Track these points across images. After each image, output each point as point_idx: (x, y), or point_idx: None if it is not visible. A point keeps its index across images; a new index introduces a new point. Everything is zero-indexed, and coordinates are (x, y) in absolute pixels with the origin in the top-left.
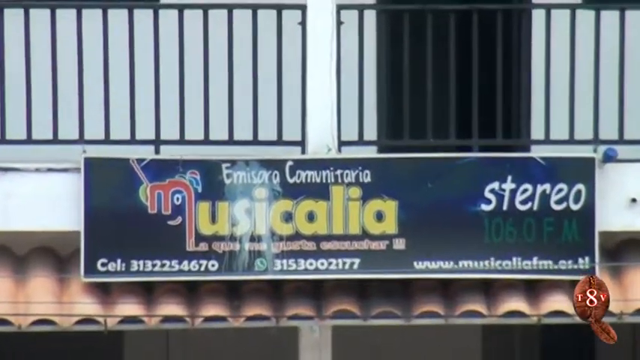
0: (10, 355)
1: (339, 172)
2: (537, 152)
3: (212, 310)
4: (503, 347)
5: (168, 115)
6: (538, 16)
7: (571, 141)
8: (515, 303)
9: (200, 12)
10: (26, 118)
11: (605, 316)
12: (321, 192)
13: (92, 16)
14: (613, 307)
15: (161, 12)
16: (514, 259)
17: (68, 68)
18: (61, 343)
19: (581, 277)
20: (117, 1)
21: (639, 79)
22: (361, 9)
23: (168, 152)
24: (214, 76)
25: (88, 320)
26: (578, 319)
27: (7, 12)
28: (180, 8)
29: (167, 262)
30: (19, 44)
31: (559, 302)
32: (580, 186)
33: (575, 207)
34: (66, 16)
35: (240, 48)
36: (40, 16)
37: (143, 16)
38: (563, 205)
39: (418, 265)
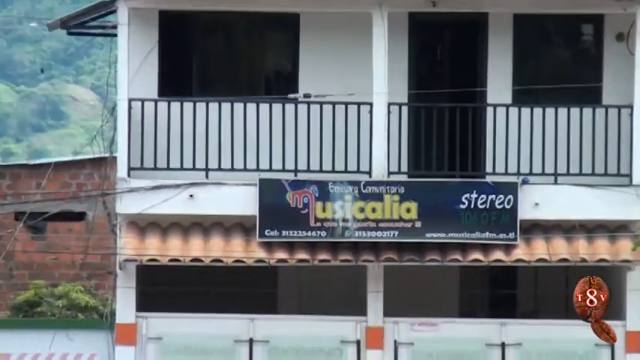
0: (208, 285)
1: (388, 187)
2: (489, 179)
3: (323, 256)
4: (472, 276)
5: (302, 158)
6: (491, 111)
7: (506, 173)
8: (476, 255)
9: (318, 106)
10: (231, 157)
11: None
12: (379, 197)
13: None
14: (529, 258)
15: (299, 106)
16: (476, 232)
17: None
18: (240, 275)
19: (511, 242)
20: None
21: (539, 143)
22: (399, 105)
23: (301, 176)
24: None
25: (260, 260)
26: (508, 264)
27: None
28: (309, 103)
29: (300, 232)
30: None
31: (500, 255)
32: (510, 197)
33: (507, 207)
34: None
35: (340, 127)
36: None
37: (289, 107)
38: (502, 206)
39: (428, 235)
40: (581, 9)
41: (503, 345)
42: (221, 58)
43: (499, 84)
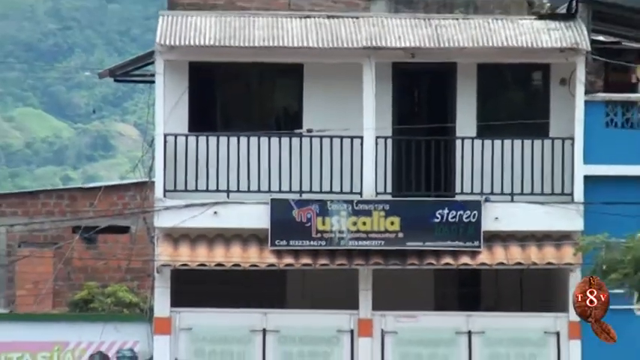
0: (229, 285)
1: (376, 205)
2: (458, 198)
3: (323, 261)
4: (444, 277)
5: (305, 181)
6: (459, 142)
7: (472, 193)
8: (447, 260)
9: (318, 139)
10: (247, 181)
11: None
12: (368, 213)
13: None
14: (491, 262)
15: (304, 139)
16: (448, 241)
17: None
18: (254, 278)
19: (476, 250)
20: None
21: (499, 169)
22: (385, 138)
23: (305, 196)
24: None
25: (271, 265)
26: (474, 267)
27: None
28: (311, 137)
29: (304, 242)
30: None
31: (467, 260)
32: (475, 212)
33: (473, 220)
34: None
35: (336, 156)
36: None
37: (295, 140)
38: (469, 220)
39: (409, 244)
40: (532, 59)
41: (469, 333)
42: (240, 100)
43: (466, 120)
